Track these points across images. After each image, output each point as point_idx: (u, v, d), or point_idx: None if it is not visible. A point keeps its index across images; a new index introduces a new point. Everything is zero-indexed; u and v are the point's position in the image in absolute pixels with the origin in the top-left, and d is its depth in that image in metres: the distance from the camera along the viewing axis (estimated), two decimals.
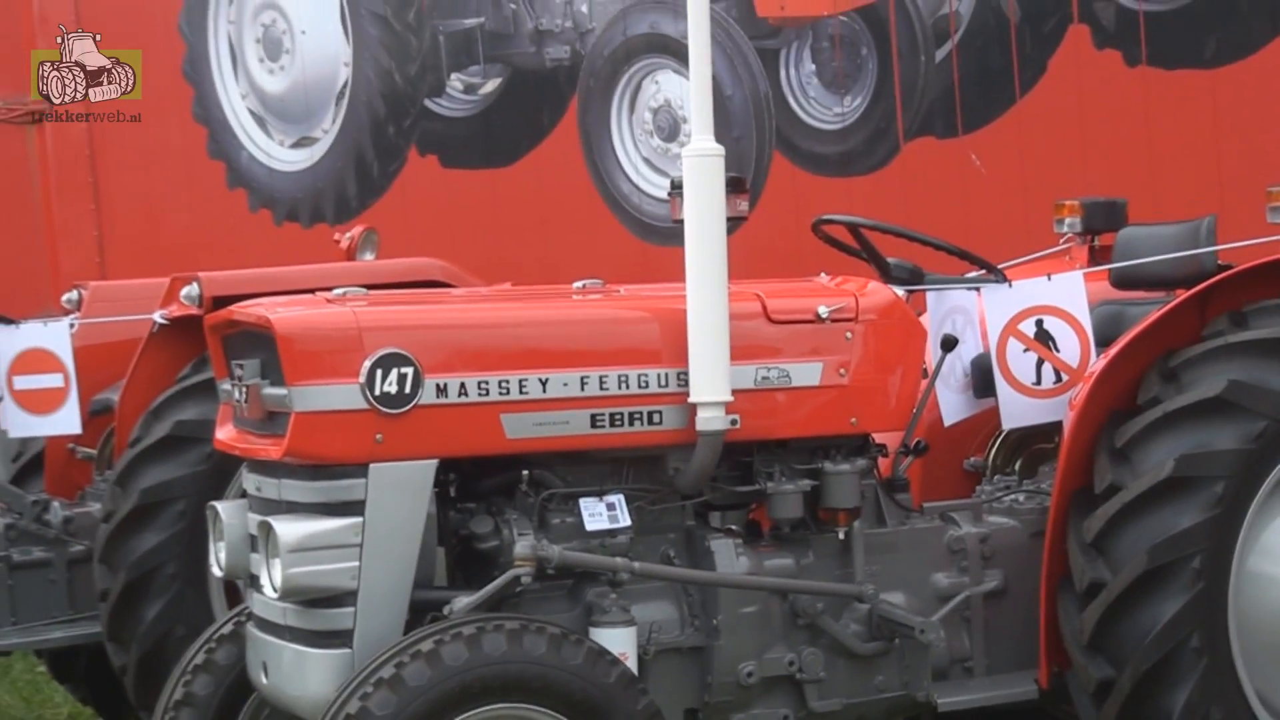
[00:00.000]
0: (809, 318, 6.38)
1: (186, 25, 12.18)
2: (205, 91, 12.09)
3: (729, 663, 6.20)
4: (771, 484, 6.32)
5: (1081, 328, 6.76)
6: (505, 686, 5.60)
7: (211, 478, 7.44)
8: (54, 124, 12.70)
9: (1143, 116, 9.70)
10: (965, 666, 6.52)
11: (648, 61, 10.77)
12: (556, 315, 6.39)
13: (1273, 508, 6.45)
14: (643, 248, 10.03)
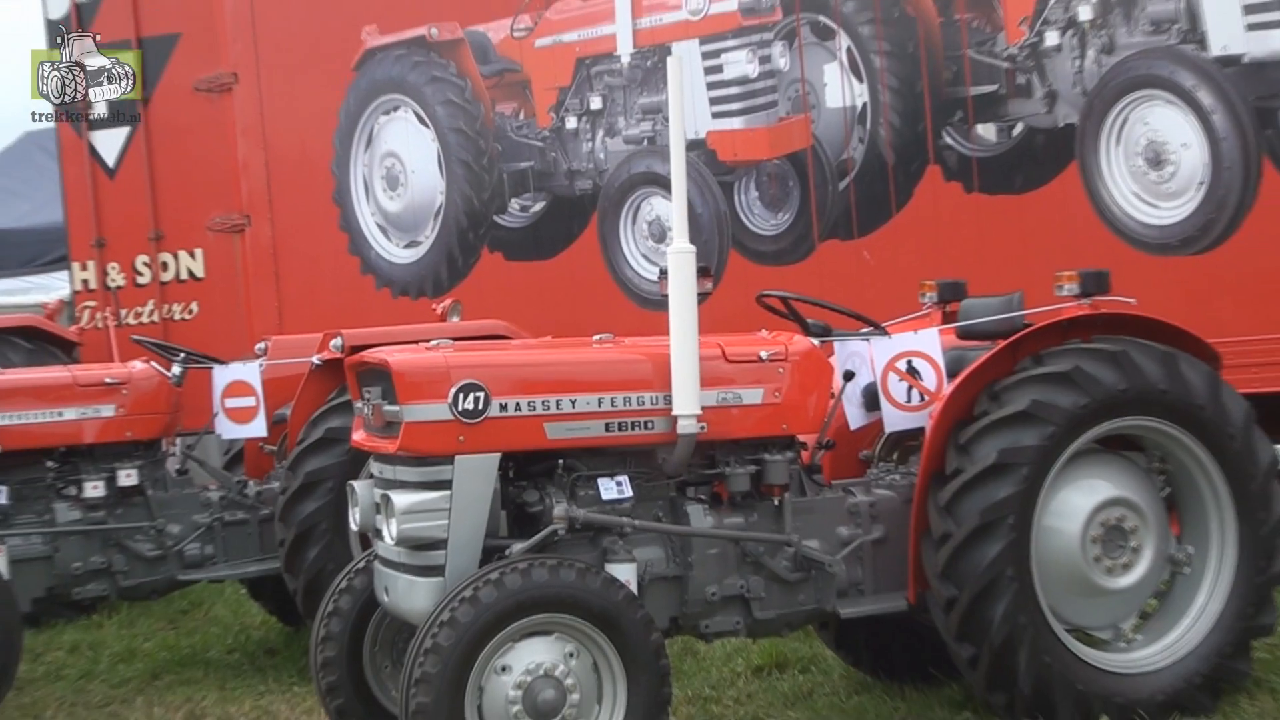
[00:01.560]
0: (754, 359, 6.55)
1: (336, 168, 12.10)
2: (347, 211, 12.11)
3: (699, 587, 6.29)
4: (728, 468, 6.48)
5: (937, 365, 6.86)
6: (547, 602, 5.74)
7: (350, 466, 7.57)
8: (251, 230, 12.58)
9: (975, 226, 9.71)
10: (859, 588, 6.63)
11: (644, 190, 10.81)
12: (581, 357, 6.55)
13: (1059, 485, 6.64)
14: (640, 313, 10.10)
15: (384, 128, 12.05)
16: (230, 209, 12.72)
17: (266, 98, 12.62)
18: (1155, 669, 6.75)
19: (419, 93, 11.83)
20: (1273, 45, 8.84)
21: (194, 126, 12.86)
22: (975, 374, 6.61)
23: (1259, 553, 6.86)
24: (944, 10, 9.85)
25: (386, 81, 12.02)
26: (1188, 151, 9.12)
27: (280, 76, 12.56)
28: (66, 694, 8.65)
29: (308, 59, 12.37)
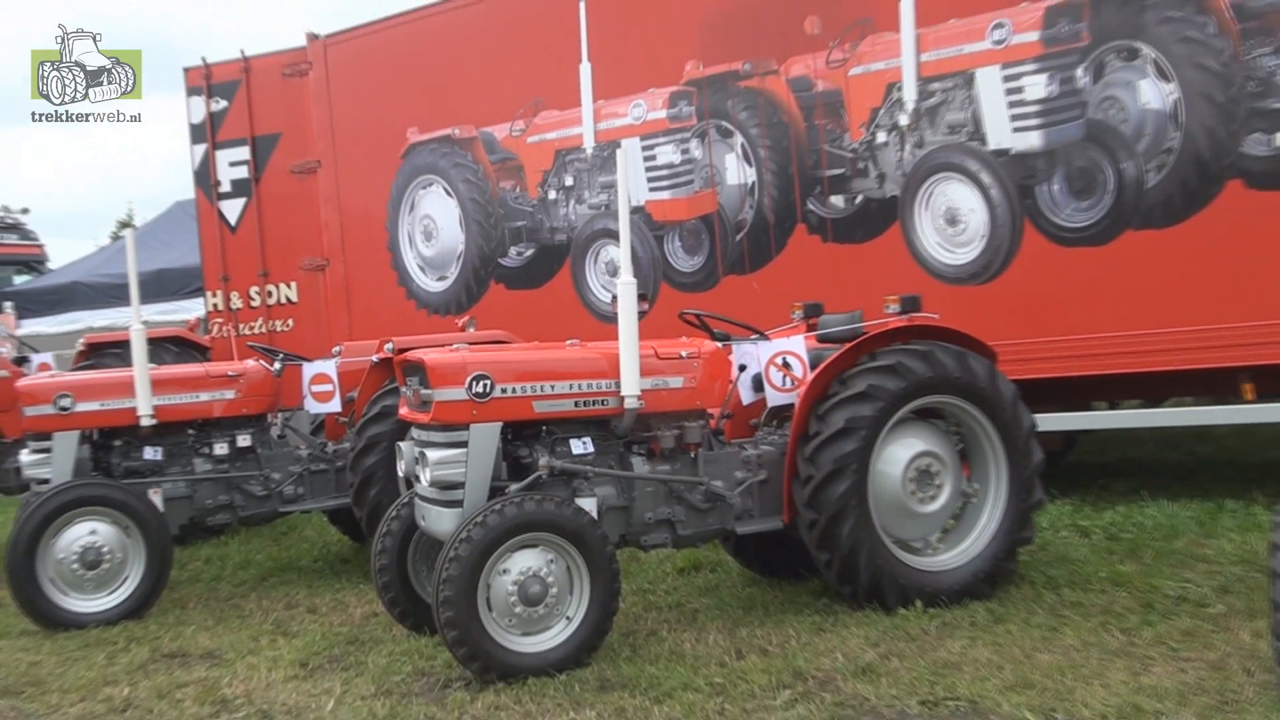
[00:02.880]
0: (678, 357, 6.53)
1: (389, 226, 12.12)
2: (396, 256, 12.04)
3: (639, 514, 6.29)
4: (660, 432, 6.46)
5: (803, 360, 6.85)
6: (534, 525, 5.75)
7: (398, 432, 7.38)
8: (329, 269, 12.55)
9: (829, 266, 9.71)
10: (750, 514, 6.65)
11: (602, 241, 10.82)
12: (558, 355, 6.50)
13: (887, 442, 6.71)
14: (600, 326, 10.06)
15: (422, 198, 11.98)
16: (315, 254, 12.66)
17: (341, 177, 12.57)
18: (953, 567, 6.77)
19: (446, 173, 11.77)
20: (1030, 143, 8.91)
21: (290, 197, 12.79)
22: (829, 366, 6.62)
23: (1023, 488, 6.91)
24: (808, 118, 9.83)
25: (424, 166, 11.94)
26: (974, 215, 9.16)
27: (350, 162, 12.50)
28: (203, 591, 8.61)
29: (369, 150, 12.31)
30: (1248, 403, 8.47)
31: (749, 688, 5.46)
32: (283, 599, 8.16)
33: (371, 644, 6.68)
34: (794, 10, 9.82)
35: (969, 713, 5.04)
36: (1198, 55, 8.32)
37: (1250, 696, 4.95)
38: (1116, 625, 6.08)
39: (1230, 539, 7.62)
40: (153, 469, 8.35)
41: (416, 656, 6.28)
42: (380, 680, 5.97)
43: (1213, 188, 8.36)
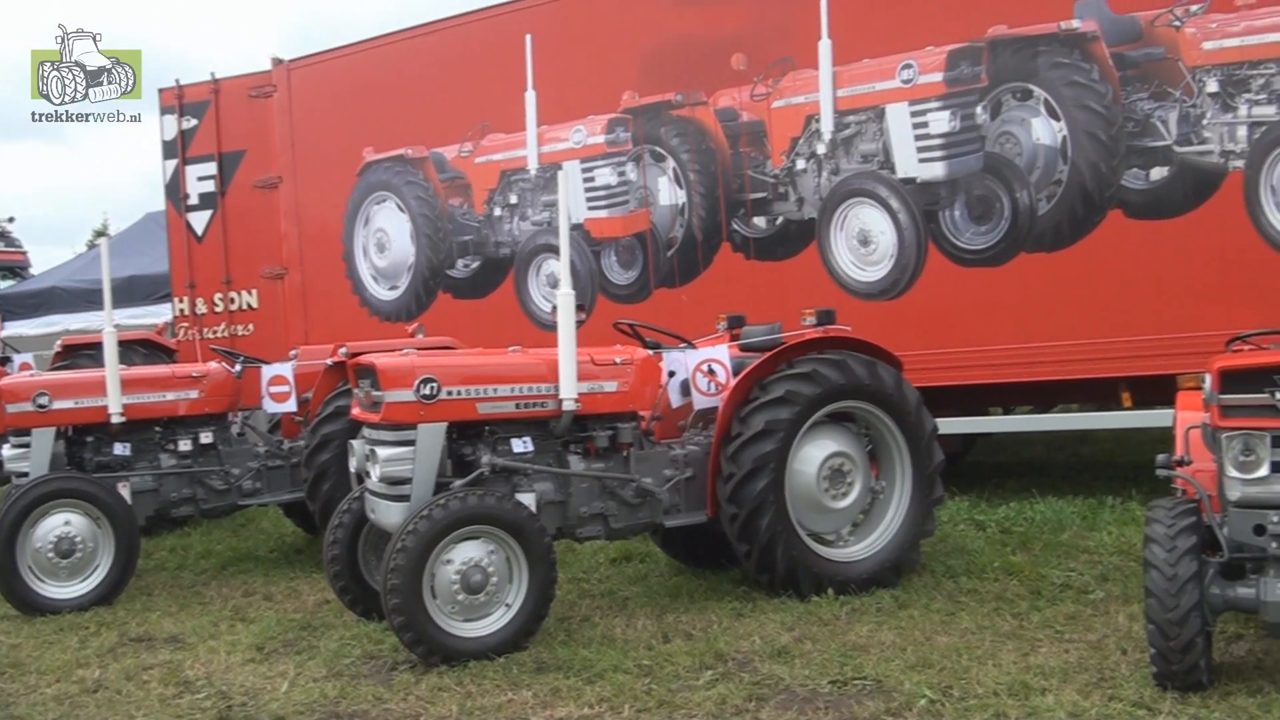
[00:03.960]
0: (612, 363, 6.51)
1: (345, 238, 11.96)
2: (351, 266, 11.91)
3: (575, 509, 6.26)
4: (595, 432, 6.43)
5: (727, 368, 6.86)
6: (477, 518, 5.70)
7: (350, 430, 7.27)
8: (288, 278, 12.40)
9: (752, 281, 9.76)
10: (677, 508, 6.57)
11: (544, 255, 10.79)
12: (501, 360, 6.46)
13: (803, 443, 6.71)
14: (540, 334, 10.00)
15: (376, 212, 11.86)
16: (275, 263, 12.49)
17: (301, 192, 12.41)
18: (862, 558, 6.83)
19: (399, 190, 11.67)
20: (934, 173, 9.04)
21: (253, 210, 12.60)
22: (751, 373, 6.66)
23: (925, 485, 6.99)
24: (733, 145, 9.88)
25: (378, 183, 11.83)
26: (884, 236, 9.26)
27: (309, 179, 12.34)
28: (167, 579, 8.49)
29: (328, 167, 12.17)
30: (1126, 409, 8.68)
31: (674, 669, 5.48)
32: (241, 587, 8.06)
33: (323, 629, 6.62)
34: (722, 47, 9.88)
35: (874, 691, 5.09)
36: (1084, 97, 8.49)
37: (1125, 674, 5.07)
38: (1008, 610, 6.19)
39: (1110, 532, 7.75)
40: (122, 464, 8.23)
41: (365, 641, 6.24)
42: (331, 663, 5.93)
43: (1096, 216, 8.54)
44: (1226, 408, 4.69)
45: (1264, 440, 4.58)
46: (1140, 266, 8.40)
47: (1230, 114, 8.12)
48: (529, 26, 10.83)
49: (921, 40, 9.02)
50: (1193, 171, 8.26)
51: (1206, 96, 8.18)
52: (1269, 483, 4.60)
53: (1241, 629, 5.53)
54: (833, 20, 9.33)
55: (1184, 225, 8.29)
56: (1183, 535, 4.70)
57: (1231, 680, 4.88)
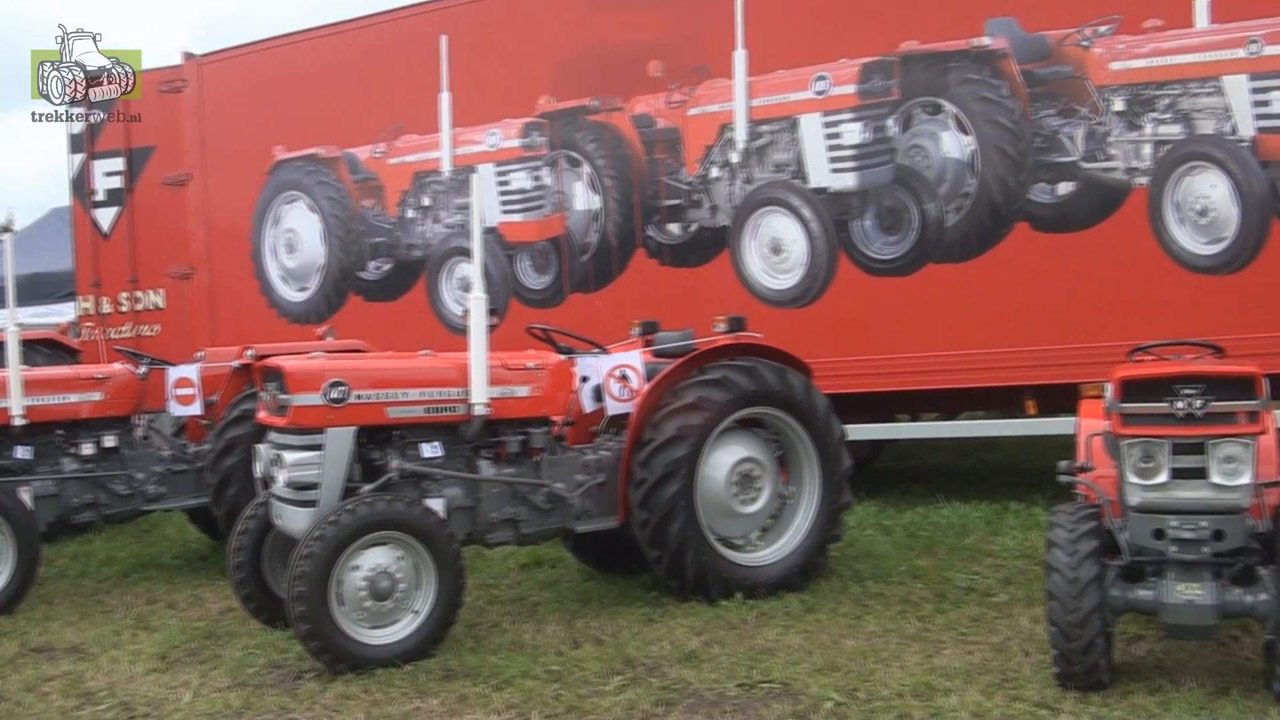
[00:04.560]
0: (524, 367, 6.45)
1: (253, 238, 11.74)
2: (260, 267, 11.73)
3: (485, 513, 6.18)
4: (506, 437, 6.38)
5: (639, 373, 6.84)
6: (385, 523, 5.60)
7: (256, 434, 7.07)
8: (196, 277, 12.17)
9: (666, 287, 9.77)
10: (588, 513, 6.57)
11: (456, 258, 10.70)
12: (411, 364, 6.37)
13: (713, 449, 6.69)
14: (452, 338, 9.86)
15: (286, 212, 11.66)
16: (183, 263, 12.20)
17: (210, 190, 12.15)
18: (771, 562, 6.86)
19: (310, 190, 11.50)
20: (845, 183, 9.13)
21: (161, 208, 12.31)
22: (663, 379, 6.65)
23: (833, 491, 7.05)
24: (649, 152, 9.89)
25: (289, 182, 11.63)
26: (795, 245, 9.34)
27: (219, 176, 12.09)
28: (69, 587, 8.21)
29: (237, 165, 11.94)
30: (1030, 417, 8.84)
31: (583, 674, 5.44)
32: (144, 594, 7.84)
33: (228, 638, 6.47)
34: (639, 54, 9.88)
35: (781, 694, 5.11)
36: (993, 113, 8.65)
37: (1028, 674, 5.15)
38: (913, 613, 6.25)
39: (1014, 536, 7.88)
40: (23, 468, 7.91)
41: (270, 649, 6.10)
42: (235, 673, 5.79)
43: (1003, 229, 8.71)
44: (1127, 416, 4.81)
45: (1163, 447, 4.71)
46: (1046, 278, 8.58)
47: (1136, 132, 8.34)
48: (444, 27, 10.74)
49: (835, 53, 9.12)
50: (1098, 187, 8.46)
51: (1113, 115, 8.39)
52: (1168, 488, 4.73)
53: (1142, 630, 5.64)
54: (748, 31, 9.39)
55: (1089, 239, 8.48)
56: (1084, 539, 4.80)
57: (1132, 680, 4.98)
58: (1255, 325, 7.78)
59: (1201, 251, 8.17)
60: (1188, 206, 8.19)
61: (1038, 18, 8.56)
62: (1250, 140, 7.99)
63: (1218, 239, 8.13)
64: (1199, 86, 8.13)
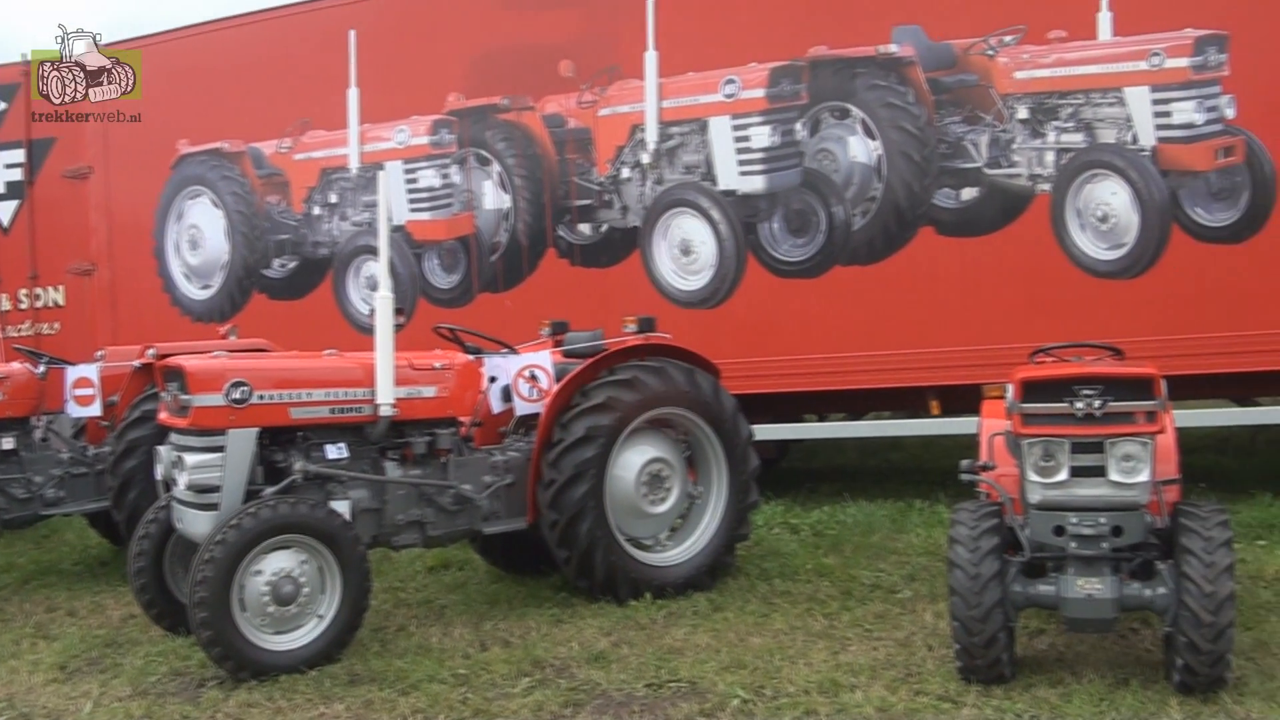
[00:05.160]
0: (431, 368, 6.37)
1: (156, 234, 11.43)
2: (163, 263, 11.47)
3: (391, 516, 6.09)
4: (413, 438, 6.29)
5: (549, 373, 6.80)
6: (288, 527, 5.51)
7: (158, 436, 6.86)
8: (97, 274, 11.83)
9: (576, 287, 9.73)
10: (497, 515, 6.50)
11: (364, 256, 10.56)
12: (316, 364, 6.25)
13: (623, 449, 6.69)
14: (358, 337, 9.65)
15: (190, 207, 11.38)
16: (84, 259, 11.84)
17: (111, 184, 11.80)
18: (679, 562, 6.87)
19: (215, 185, 11.24)
20: (754, 186, 9.19)
21: (63, 201, 11.93)
22: (573, 379, 6.62)
23: (741, 490, 7.09)
24: (559, 151, 9.85)
25: (193, 176, 11.35)
26: (705, 246, 9.37)
27: (121, 170, 11.75)
28: None
29: (140, 158, 11.61)
30: (934, 417, 8.98)
31: (491, 677, 5.40)
32: (44, 602, 7.59)
33: (129, 646, 6.29)
34: (550, 53, 9.83)
35: (689, 693, 5.12)
36: (899, 119, 8.78)
37: (931, 669, 5.23)
38: (820, 610, 6.31)
39: (918, 534, 8.00)
40: None
41: (172, 657, 5.95)
42: (137, 681, 5.64)
43: (908, 232, 8.83)
44: (1028, 416, 4.91)
45: (1063, 446, 4.83)
46: (950, 281, 8.72)
47: (1039, 140, 8.53)
48: (353, 22, 10.58)
49: (745, 56, 9.17)
50: (1001, 193, 8.63)
51: (1017, 123, 8.57)
52: (1067, 486, 4.85)
53: (1043, 624, 5.76)
54: (659, 32, 9.39)
55: (992, 243, 8.65)
56: (985, 536, 4.90)
57: (1034, 673, 5.08)
58: (1154, 328, 8.02)
59: (1102, 256, 8.39)
60: (1089, 213, 8.39)
61: (944, 26, 8.71)
62: (1151, 149, 8.23)
63: (1118, 244, 8.35)
64: (1101, 97, 8.34)
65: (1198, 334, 8.06)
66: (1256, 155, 8.02)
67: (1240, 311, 8.03)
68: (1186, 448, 5.51)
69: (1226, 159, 8.09)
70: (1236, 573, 4.72)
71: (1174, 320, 8.11)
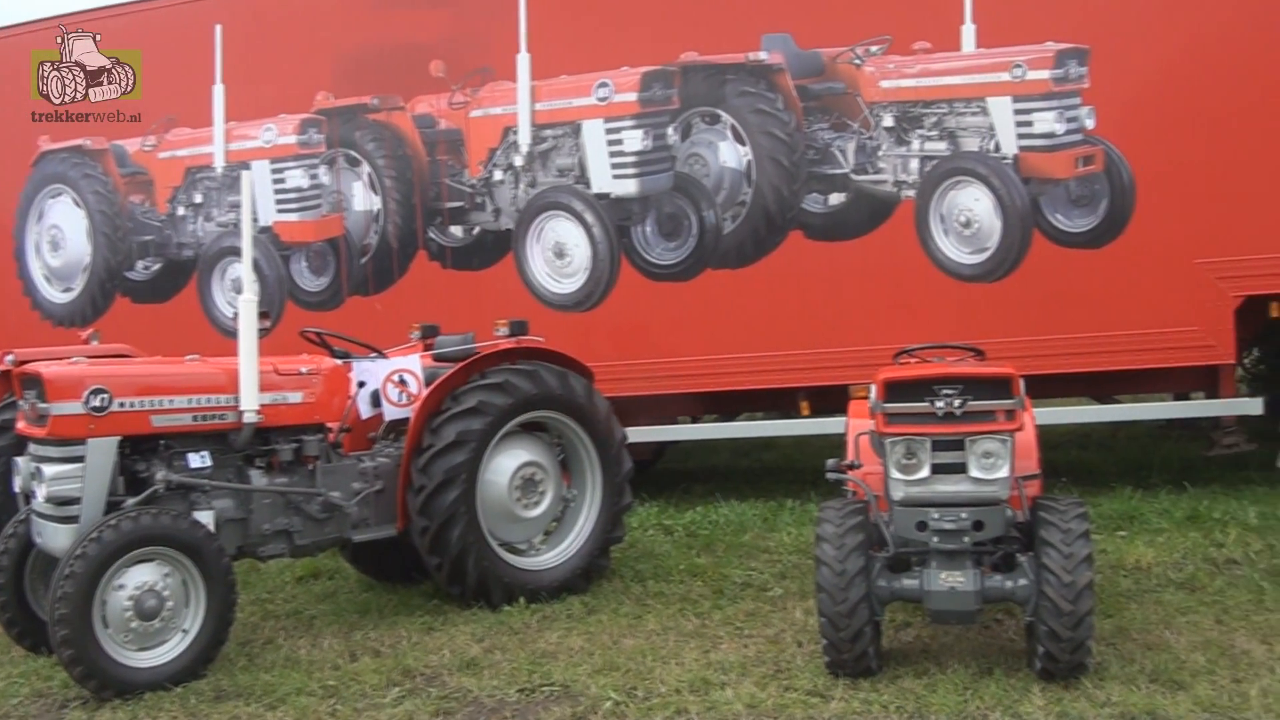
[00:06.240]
0: (297, 373, 6.24)
1: (16, 234, 11.03)
2: (23, 265, 11.05)
3: (257, 525, 5.97)
4: (279, 445, 6.15)
5: (419, 378, 6.74)
6: (150, 539, 5.38)
7: (17, 447, 6.54)
8: None
9: (447, 290, 9.65)
10: (366, 522, 6.42)
11: (229, 258, 10.33)
12: (178, 370, 6.10)
13: (495, 453, 6.67)
14: (223, 341, 9.39)
15: (51, 207, 10.97)
16: None
17: None
18: (553, 566, 6.87)
19: (76, 184, 10.86)
20: (627, 189, 9.23)
21: None
22: (443, 383, 6.58)
23: (615, 493, 7.12)
24: (430, 152, 9.77)
25: (54, 175, 10.95)
26: (578, 249, 9.39)
27: None
28: None
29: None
30: (804, 417, 9.13)
31: (361, 688, 5.34)
32: None
33: None
34: (421, 53, 9.73)
35: (562, 697, 5.14)
36: (768, 125, 8.92)
37: (800, 665, 5.34)
38: (692, 610, 6.38)
39: (789, 532, 8.12)
40: None
41: (34, 678, 5.75)
42: None
43: (778, 236, 8.99)
44: (890, 415, 5.03)
45: (924, 445, 4.98)
46: (818, 284, 8.90)
47: (904, 147, 8.76)
48: (219, 17, 10.32)
49: (617, 60, 9.22)
50: (868, 198, 8.84)
51: (883, 130, 8.78)
52: (929, 483, 4.99)
53: (909, 617, 5.92)
54: (532, 35, 9.38)
55: (859, 247, 8.85)
56: (851, 533, 5.01)
57: (900, 665, 5.23)
58: (1015, 330, 8.31)
59: (965, 261, 8.65)
60: (953, 218, 8.65)
61: (812, 35, 8.89)
62: (1013, 158, 8.54)
63: (981, 249, 8.62)
64: (965, 106, 8.61)
65: (1058, 335, 8.37)
66: (1115, 164, 8.38)
67: (1099, 313, 8.37)
68: (1049, 444, 5.71)
69: (1086, 167, 8.43)
70: (1097, 563, 4.91)
71: (1035, 322, 8.41)
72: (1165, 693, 4.79)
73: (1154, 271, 8.26)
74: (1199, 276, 8.14)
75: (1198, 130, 8.18)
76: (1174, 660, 5.14)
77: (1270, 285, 8.13)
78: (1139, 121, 8.32)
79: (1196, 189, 8.18)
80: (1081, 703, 4.71)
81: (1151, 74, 8.30)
